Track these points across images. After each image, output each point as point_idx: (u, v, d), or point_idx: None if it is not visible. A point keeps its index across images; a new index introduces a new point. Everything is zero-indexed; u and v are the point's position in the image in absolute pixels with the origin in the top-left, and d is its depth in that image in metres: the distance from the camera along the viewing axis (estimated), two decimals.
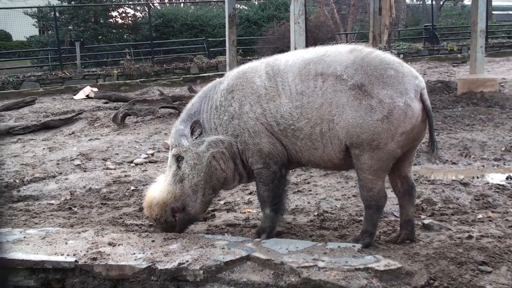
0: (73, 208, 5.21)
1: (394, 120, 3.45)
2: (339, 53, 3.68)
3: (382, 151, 3.52)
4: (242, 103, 3.81)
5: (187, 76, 17.64)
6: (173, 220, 3.98)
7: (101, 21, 23.58)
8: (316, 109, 3.60)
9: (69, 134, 9.52)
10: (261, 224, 3.99)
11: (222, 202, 5.21)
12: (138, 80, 16.74)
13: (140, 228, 4.46)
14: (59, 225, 4.55)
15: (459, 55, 20.42)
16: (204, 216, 4.41)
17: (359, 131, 3.50)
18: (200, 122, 3.95)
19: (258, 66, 3.94)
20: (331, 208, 4.85)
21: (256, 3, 28.29)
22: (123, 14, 24.65)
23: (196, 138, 3.91)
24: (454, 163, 6.39)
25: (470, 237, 3.87)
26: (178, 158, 3.94)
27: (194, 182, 3.90)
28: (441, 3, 35.84)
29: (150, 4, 26.89)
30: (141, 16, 25.34)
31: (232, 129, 3.85)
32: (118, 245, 3.64)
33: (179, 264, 3.28)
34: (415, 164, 6.31)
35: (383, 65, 3.54)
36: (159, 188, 3.99)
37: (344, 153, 3.65)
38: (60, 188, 5.90)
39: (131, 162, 7.16)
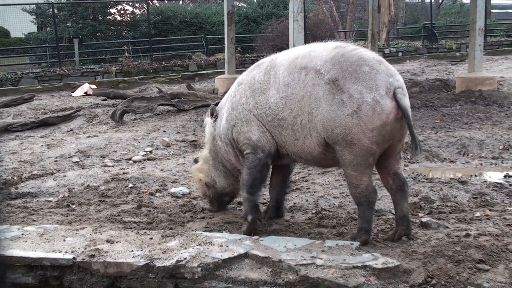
0: (71, 205, 5.20)
1: (363, 116, 3.48)
2: (325, 49, 3.79)
3: (357, 146, 3.55)
4: (242, 95, 4.13)
5: (186, 73, 17.62)
6: (210, 194, 4.67)
7: (100, 18, 23.54)
8: (298, 100, 3.73)
9: (67, 131, 9.51)
10: (244, 208, 4.29)
11: None
12: (136, 78, 16.71)
13: (138, 225, 4.46)
14: (57, 222, 4.55)
15: (457, 54, 20.43)
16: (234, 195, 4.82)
17: (332, 125, 3.56)
18: (214, 107, 4.51)
19: (265, 62, 4.17)
20: (329, 206, 4.86)
21: (255, 0, 28.24)
22: (122, 11, 24.56)
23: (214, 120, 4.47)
24: (452, 161, 6.40)
25: (467, 235, 3.88)
26: None
27: (206, 156, 4.56)
28: (440, 1, 35.84)
29: (149, 1, 26.84)
30: (139, 13, 25.25)
31: (230, 118, 4.19)
32: (116, 242, 3.64)
33: (177, 261, 3.28)
34: (413, 163, 6.32)
35: (359, 61, 3.58)
36: None
37: (323, 147, 3.72)
38: (58, 185, 5.90)
39: (130, 159, 7.15)
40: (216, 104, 4.60)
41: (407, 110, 3.54)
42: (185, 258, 3.30)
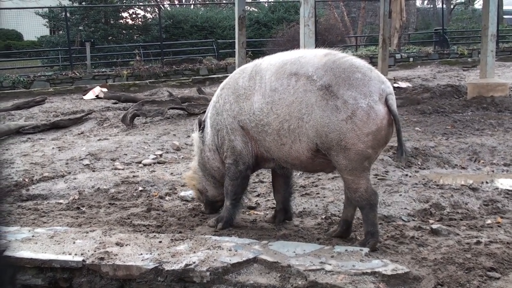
0: (81, 208, 5.23)
1: (358, 121, 3.55)
2: (315, 56, 3.85)
3: (352, 151, 3.60)
4: (225, 101, 4.19)
5: (196, 77, 17.64)
6: (203, 199, 4.79)
7: (112, 22, 23.62)
8: (287, 106, 3.77)
9: (78, 134, 9.56)
10: (222, 213, 4.48)
11: None
12: (147, 81, 16.77)
13: (148, 228, 4.47)
14: (67, 225, 4.57)
15: (469, 59, 20.30)
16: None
17: (326, 131, 3.61)
18: (201, 119, 4.56)
19: (247, 67, 4.21)
20: (339, 211, 4.84)
21: (266, 5, 28.29)
22: (133, 15, 24.64)
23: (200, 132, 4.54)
24: (463, 168, 6.36)
25: (478, 242, 3.85)
26: None
27: (195, 168, 4.66)
28: (452, 6, 35.67)
29: (161, 5, 26.97)
30: (151, 17, 25.33)
31: (216, 123, 4.28)
32: (126, 245, 3.65)
33: (186, 265, 3.28)
34: (424, 169, 6.29)
35: (351, 68, 3.66)
36: None
37: (313, 152, 3.76)
38: (68, 188, 5.93)
39: (140, 162, 7.17)
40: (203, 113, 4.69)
41: (397, 115, 3.64)
42: (194, 262, 3.30)
